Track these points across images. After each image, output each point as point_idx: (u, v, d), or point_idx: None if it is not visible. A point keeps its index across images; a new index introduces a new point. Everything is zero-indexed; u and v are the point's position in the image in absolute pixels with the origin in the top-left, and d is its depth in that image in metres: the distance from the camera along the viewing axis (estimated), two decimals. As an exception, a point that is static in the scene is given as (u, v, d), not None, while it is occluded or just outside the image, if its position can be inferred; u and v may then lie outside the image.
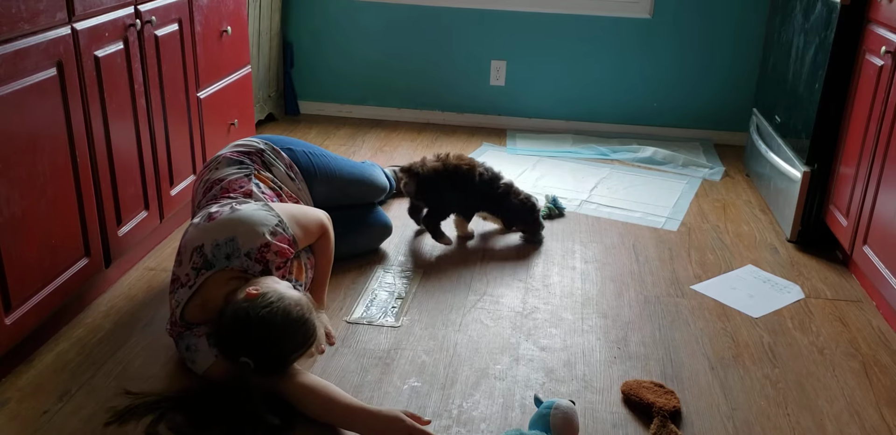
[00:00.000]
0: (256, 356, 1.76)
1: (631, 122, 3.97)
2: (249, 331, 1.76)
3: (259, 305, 1.77)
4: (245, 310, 1.77)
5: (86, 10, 2.00)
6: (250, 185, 2.16)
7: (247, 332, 1.76)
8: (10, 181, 1.77)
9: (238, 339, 1.78)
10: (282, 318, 1.77)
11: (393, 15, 3.90)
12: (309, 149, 2.46)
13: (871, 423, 1.86)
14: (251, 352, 1.76)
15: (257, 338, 1.75)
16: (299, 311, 1.80)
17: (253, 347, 1.76)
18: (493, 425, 1.81)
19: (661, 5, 3.74)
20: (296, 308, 1.80)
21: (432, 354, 2.08)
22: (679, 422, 1.83)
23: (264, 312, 1.76)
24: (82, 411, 1.80)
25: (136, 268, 2.47)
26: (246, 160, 2.26)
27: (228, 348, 1.81)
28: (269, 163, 2.30)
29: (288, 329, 1.78)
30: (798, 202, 2.73)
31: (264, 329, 1.75)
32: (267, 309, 1.76)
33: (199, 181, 2.27)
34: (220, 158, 2.28)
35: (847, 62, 2.55)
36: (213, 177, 2.21)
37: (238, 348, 1.77)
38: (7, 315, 1.82)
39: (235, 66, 2.93)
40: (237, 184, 2.16)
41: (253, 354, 1.76)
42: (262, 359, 1.76)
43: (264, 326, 1.75)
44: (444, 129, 3.97)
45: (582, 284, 2.48)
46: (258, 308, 1.76)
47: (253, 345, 1.76)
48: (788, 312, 2.34)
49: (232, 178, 2.17)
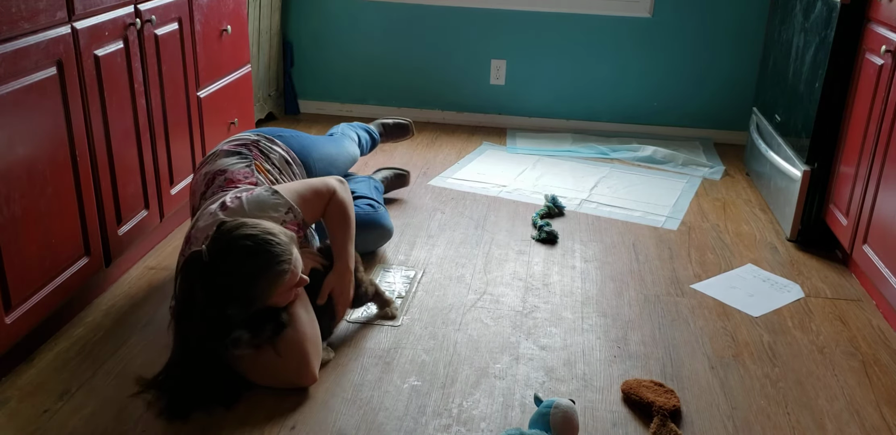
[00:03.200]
0: (226, 286, 1.74)
1: (631, 121, 3.97)
2: (212, 259, 1.75)
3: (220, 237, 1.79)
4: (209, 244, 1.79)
5: (86, 9, 2.00)
6: (254, 177, 2.18)
7: (211, 260, 1.75)
8: (9, 180, 1.77)
9: (203, 271, 1.75)
10: (241, 235, 1.76)
11: (393, 14, 3.90)
12: (294, 133, 2.53)
13: (870, 422, 1.86)
14: (220, 281, 1.74)
15: (221, 262, 1.74)
16: (261, 230, 1.77)
17: (219, 274, 1.74)
18: (493, 424, 1.81)
19: (660, 4, 3.74)
20: (256, 228, 1.77)
21: (432, 353, 2.08)
22: (679, 421, 1.83)
23: (224, 238, 1.76)
24: (83, 410, 1.81)
25: (136, 267, 2.47)
26: (244, 150, 2.27)
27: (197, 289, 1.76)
28: (265, 151, 2.31)
29: (248, 247, 1.74)
30: (798, 201, 2.73)
31: (226, 249, 1.75)
32: (227, 235, 1.77)
33: (198, 175, 2.26)
34: (217, 152, 2.28)
35: (847, 61, 2.55)
36: (213, 169, 2.21)
37: (206, 281, 1.75)
38: (7, 314, 1.82)
39: (235, 65, 2.93)
40: (241, 174, 2.17)
41: (222, 285, 1.74)
42: (232, 287, 1.74)
43: (226, 247, 1.75)
44: (444, 129, 3.97)
45: (582, 283, 2.48)
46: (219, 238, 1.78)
47: (219, 272, 1.74)
48: (788, 312, 2.35)
49: (235, 169, 2.18)
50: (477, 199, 3.11)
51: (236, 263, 1.75)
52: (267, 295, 1.79)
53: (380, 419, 1.81)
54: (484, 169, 3.44)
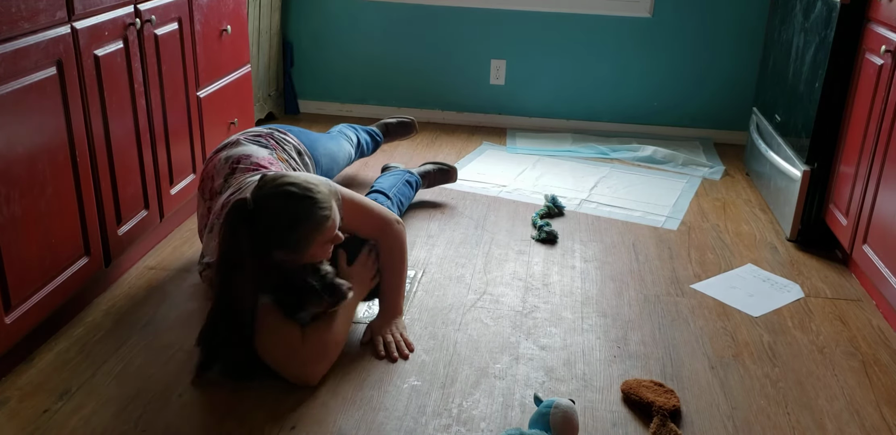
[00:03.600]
0: (268, 233, 1.82)
1: (631, 121, 3.97)
2: (256, 205, 1.83)
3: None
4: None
5: (85, 9, 2.00)
6: (277, 165, 2.24)
7: (255, 206, 1.83)
8: (9, 180, 1.77)
9: (248, 217, 1.82)
10: (285, 182, 1.84)
11: (393, 14, 3.90)
12: (299, 129, 2.60)
13: (870, 422, 1.86)
14: (265, 224, 1.81)
15: (265, 207, 1.82)
16: (303, 180, 1.86)
17: (264, 218, 1.81)
18: (493, 424, 1.81)
19: (660, 4, 3.74)
20: (299, 178, 1.86)
21: (432, 353, 2.08)
22: (679, 421, 1.83)
23: (268, 185, 1.85)
24: (82, 410, 1.81)
25: (136, 267, 2.47)
26: (262, 140, 2.34)
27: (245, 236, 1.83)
28: (280, 141, 2.39)
29: (292, 192, 1.82)
30: (798, 201, 2.73)
31: (270, 195, 1.83)
32: (271, 183, 1.86)
33: (215, 160, 2.29)
34: (235, 141, 2.33)
35: (847, 61, 2.55)
36: (234, 153, 2.25)
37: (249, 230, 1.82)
38: (7, 314, 1.82)
39: (235, 65, 2.93)
40: (265, 160, 2.23)
41: (265, 232, 1.82)
42: (277, 231, 1.82)
43: (270, 193, 1.83)
44: (444, 129, 3.97)
45: (582, 283, 2.48)
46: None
47: (263, 216, 1.81)
48: (788, 311, 2.34)
49: (260, 155, 2.24)
50: (477, 199, 3.11)
51: (280, 207, 1.82)
52: (309, 241, 1.84)
53: (380, 419, 1.81)
54: (484, 169, 3.44)
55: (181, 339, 2.09)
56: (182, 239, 2.65)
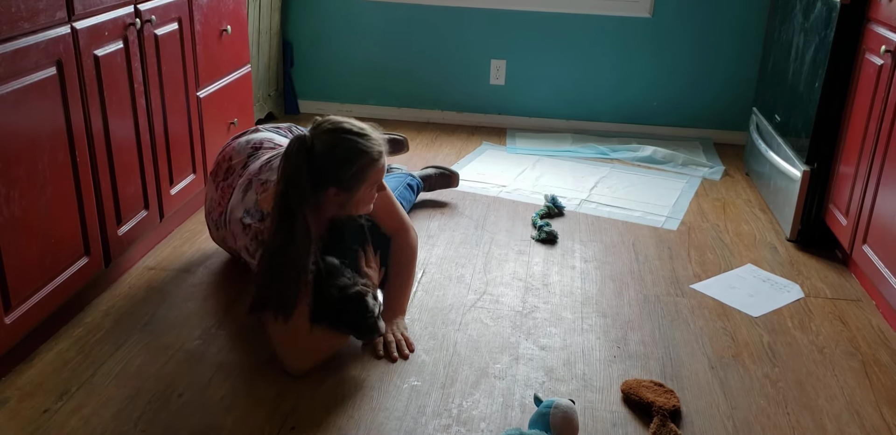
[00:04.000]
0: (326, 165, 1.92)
1: (631, 121, 3.97)
2: (314, 141, 1.94)
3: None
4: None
5: (85, 9, 2.00)
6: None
7: (313, 142, 1.93)
8: (9, 180, 1.77)
9: (308, 152, 1.92)
10: (342, 122, 1.97)
11: (393, 14, 3.90)
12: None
13: (870, 422, 1.86)
14: (323, 156, 1.91)
15: (323, 142, 1.93)
16: (356, 125, 1.98)
17: (323, 151, 1.92)
18: (493, 424, 1.81)
19: (660, 4, 3.74)
20: (353, 122, 1.99)
21: (432, 353, 2.08)
22: (679, 421, 1.83)
23: (326, 125, 1.97)
24: (82, 410, 1.81)
25: (136, 267, 2.47)
26: (281, 131, 2.39)
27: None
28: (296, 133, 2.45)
29: (350, 129, 1.95)
30: (798, 201, 2.73)
31: (328, 132, 1.94)
32: (328, 123, 1.97)
33: (234, 143, 2.34)
34: (254, 128, 2.41)
35: (847, 61, 2.55)
36: (256, 138, 2.32)
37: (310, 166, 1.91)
38: (7, 314, 1.82)
39: (235, 65, 2.93)
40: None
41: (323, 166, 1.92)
42: (334, 164, 1.92)
43: (328, 130, 1.95)
44: (444, 129, 3.97)
45: (582, 283, 2.48)
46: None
47: (322, 150, 1.92)
48: (788, 312, 2.35)
49: (281, 142, 2.27)
50: (477, 200, 3.11)
51: (337, 141, 1.93)
52: (361, 177, 1.95)
53: (380, 419, 1.81)
54: (484, 169, 3.44)
55: (181, 339, 2.09)
56: (182, 239, 2.65)
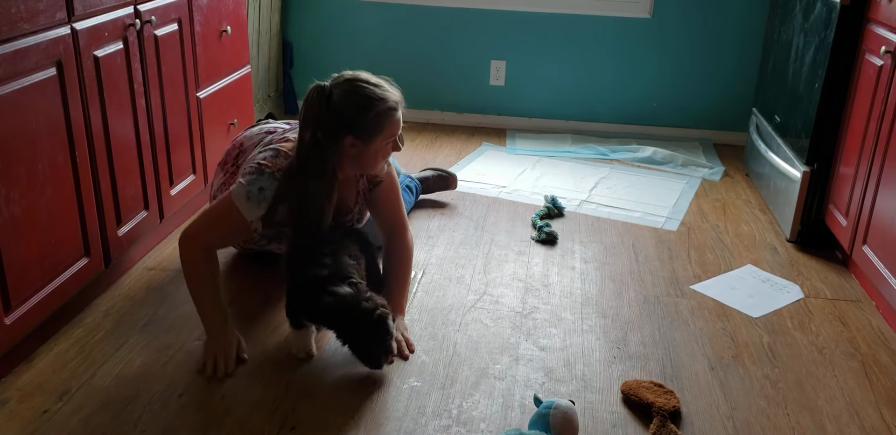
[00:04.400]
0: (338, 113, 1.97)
1: (630, 121, 3.97)
2: (333, 89, 2.01)
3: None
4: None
5: (85, 9, 2.00)
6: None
7: (331, 90, 2.01)
8: (9, 181, 1.77)
9: (327, 99, 1.99)
10: (361, 75, 2.04)
11: (393, 14, 3.90)
12: None
13: (870, 422, 1.86)
14: (341, 102, 1.98)
15: (342, 90, 2.00)
16: (375, 82, 2.05)
17: (341, 98, 1.98)
18: (493, 425, 1.81)
19: (660, 5, 3.74)
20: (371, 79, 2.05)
21: (432, 353, 2.08)
22: (679, 422, 1.83)
23: (345, 76, 2.03)
24: (82, 411, 1.80)
25: (136, 268, 2.47)
26: (292, 123, 2.41)
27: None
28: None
29: (368, 80, 2.03)
30: (798, 202, 2.73)
31: (347, 81, 2.01)
32: (347, 75, 2.04)
33: (245, 133, 2.39)
34: (265, 120, 2.48)
35: (847, 62, 2.55)
36: (268, 126, 2.38)
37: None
38: (7, 315, 1.82)
39: (235, 65, 2.93)
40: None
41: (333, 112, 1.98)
42: (351, 109, 1.97)
43: (347, 80, 2.02)
44: (443, 129, 3.97)
45: (581, 283, 2.48)
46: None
47: (340, 96, 1.98)
48: (788, 312, 2.34)
49: (291, 132, 2.28)
50: (477, 200, 3.11)
51: (356, 89, 1.99)
52: (377, 127, 1.99)
53: (380, 420, 1.81)
54: (484, 169, 3.44)
55: (181, 339, 2.09)
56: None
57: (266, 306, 2.27)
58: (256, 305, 2.27)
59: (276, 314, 2.22)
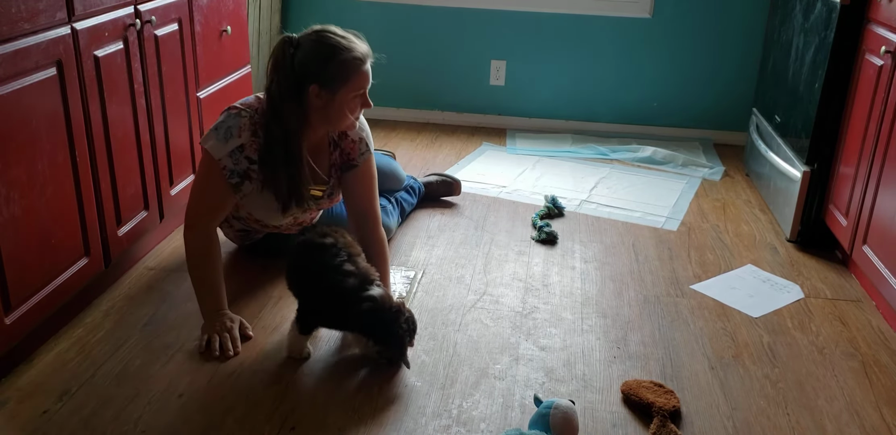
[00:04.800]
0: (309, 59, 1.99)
1: (630, 121, 3.97)
2: (301, 40, 2.03)
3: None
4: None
5: (85, 9, 2.00)
6: None
7: (300, 41, 2.03)
8: (9, 181, 1.77)
9: (295, 49, 2.01)
10: (329, 27, 2.05)
11: (393, 14, 3.90)
12: None
13: (870, 422, 1.86)
14: (308, 51, 1.99)
15: (308, 40, 2.02)
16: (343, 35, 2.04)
17: (307, 48, 2.00)
18: (493, 425, 1.81)
19: (660, 5, 3.74)
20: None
21: (432, 353, 2.08)
22: (679, 422, 1.83)
23: (314, 29, 2.06)
24: (82, 411, 1.80)
25: (136, 268, 2.47)
26: None
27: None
28: None
29: (335, 31, 2.04)
30: (798, 202, 2.73)
31: (313, 32, 2.04)
32: (316, 27, 2.06)
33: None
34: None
35: (847, 62, 2.55)
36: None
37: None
38: (7, 315, 1.82)
39: (235, 65, 2.93)
40: None
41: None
42: (316, 59, 1.98)
43: (314, 31, 2.04)
44: (443, 129, 3.97)
45: (582, 283, 2.48)
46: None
47: (307, 47, 2.00)
48: (788, 312, 2.35)
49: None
50: (477, 200, 3.11)
51: (322, 39, 2.00)
52: (343, 78, 1.99)
53: (380, 419, 1.81)
54: (484, 169, 3.44)
55: (181, 339, 2.09)
56: (182, 239, 2.65)
57: (266, 306, 2.27)
58: (256, 305, 2.27)
59: (276, 314, 2.22)
